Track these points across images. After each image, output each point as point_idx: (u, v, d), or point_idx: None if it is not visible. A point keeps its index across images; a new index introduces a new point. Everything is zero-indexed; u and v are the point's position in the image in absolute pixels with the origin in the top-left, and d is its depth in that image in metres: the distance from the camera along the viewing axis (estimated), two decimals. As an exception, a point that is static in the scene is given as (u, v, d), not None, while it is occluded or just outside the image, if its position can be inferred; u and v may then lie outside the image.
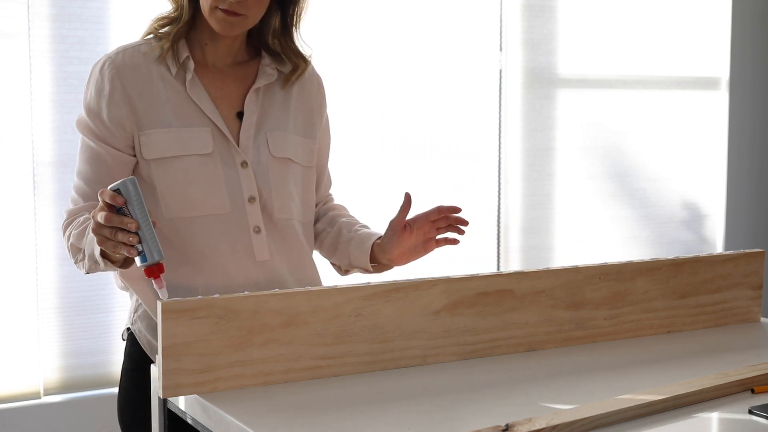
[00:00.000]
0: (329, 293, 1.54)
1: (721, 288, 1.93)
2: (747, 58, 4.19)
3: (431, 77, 3.50)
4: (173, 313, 1.43)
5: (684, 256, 1.89)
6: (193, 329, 1.44)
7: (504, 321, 1.69)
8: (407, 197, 1.80)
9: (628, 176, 3.98)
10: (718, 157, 4.20)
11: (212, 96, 1.78)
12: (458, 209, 1.80)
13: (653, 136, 4.02)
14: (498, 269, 3.68)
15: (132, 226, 1.46)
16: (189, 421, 1.47)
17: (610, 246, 3.94)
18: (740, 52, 4.17)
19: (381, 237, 1.83)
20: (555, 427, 1.30)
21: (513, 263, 3.73)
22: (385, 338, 1.59)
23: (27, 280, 2.87)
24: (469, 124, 3.59)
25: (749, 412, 1.41)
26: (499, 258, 3.71)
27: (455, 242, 1.82)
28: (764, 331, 1.93)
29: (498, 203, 3.69)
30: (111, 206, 1.48)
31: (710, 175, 4.19)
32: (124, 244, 1.48)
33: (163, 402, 1.50)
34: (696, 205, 4.17)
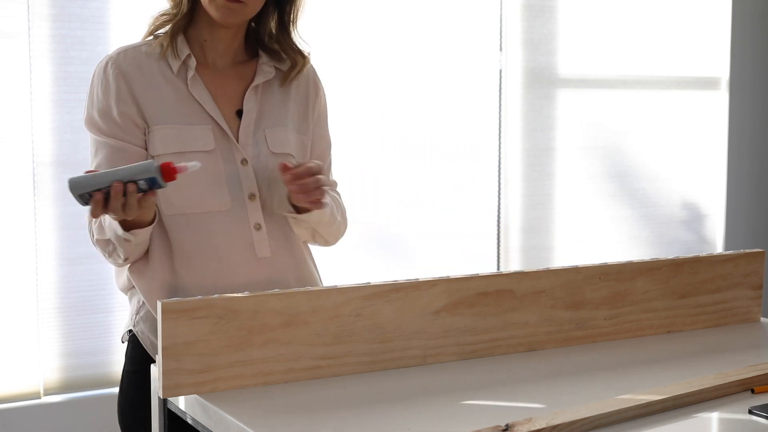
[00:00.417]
0: (329, 293, 1.54)
1: (721, 288, 1.92)
2: (747, 58, 4.19)
3: (431, 77, 3.50)
4: (173, 313, 1.43)
5: (684, 256, 1.89)
6: (193, 329, 1.44)
7: (504, 321, 1.69)
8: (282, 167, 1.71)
9: (628, 176, 3.98)
10: (718, 157, 4.20)
11: (213, 94, 1.79)
12: (310, 173, 1.70)
13: (653, 136, 4.02)
14: (498, 269, 3.68)
15: (118, 186, 1.54)
16: (189, 421, 1.47)
17: (610, 246, 3.94)
18: (740, 52, 4.17)
19: None
20: (555, 427, 1.30)
21: (513, 263, 3.72)
22: (385, 338, 1.59)
23: (27, 280, 2.87)
24: (469, 124, 3.59)
25: (749, 412, 1.41)
26: (499, 258, 3.71)
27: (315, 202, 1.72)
28: (764, 331, 1.93)
29: (498, 203, 3.69)
30: (101, 201, 1.55)
31: (710, 175, 4.18)
32: (128, 196, 1.54)
33: (163, 402, 1.50)
34: (696, 205, 4.16)
